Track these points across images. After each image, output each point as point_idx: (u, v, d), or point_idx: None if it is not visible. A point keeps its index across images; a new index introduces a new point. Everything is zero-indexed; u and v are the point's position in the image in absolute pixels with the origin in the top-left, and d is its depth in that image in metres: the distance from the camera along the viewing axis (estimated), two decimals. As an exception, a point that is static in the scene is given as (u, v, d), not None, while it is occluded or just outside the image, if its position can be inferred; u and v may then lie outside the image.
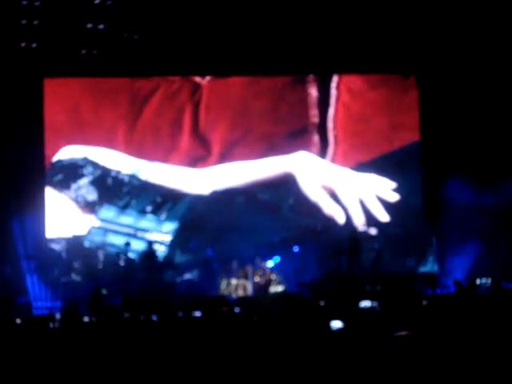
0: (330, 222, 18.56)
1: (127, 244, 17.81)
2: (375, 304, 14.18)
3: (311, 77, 19.13)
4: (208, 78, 18.91)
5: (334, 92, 19.20)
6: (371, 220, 18.75)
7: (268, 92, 19.12)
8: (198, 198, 18.71)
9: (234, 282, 16.93)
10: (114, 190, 18.54)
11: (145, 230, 18.46)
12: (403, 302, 14.09)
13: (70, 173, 18.47)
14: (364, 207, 18.83)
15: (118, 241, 18.17)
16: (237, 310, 13.93)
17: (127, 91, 18.67)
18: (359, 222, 18.71)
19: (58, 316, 13.97)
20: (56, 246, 18.20)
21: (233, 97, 19.04)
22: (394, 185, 18.90)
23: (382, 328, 9.96)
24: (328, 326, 10.17)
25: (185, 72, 18.74)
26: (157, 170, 18.65)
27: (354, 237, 17.78)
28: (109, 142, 18.56)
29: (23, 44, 17.36)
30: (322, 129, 19.13)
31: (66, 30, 17.22)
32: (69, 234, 18.24)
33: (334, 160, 19.10)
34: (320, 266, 17.53)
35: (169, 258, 18.30)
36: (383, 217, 18.82)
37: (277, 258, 17.59)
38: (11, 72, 17.52)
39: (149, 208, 18.56)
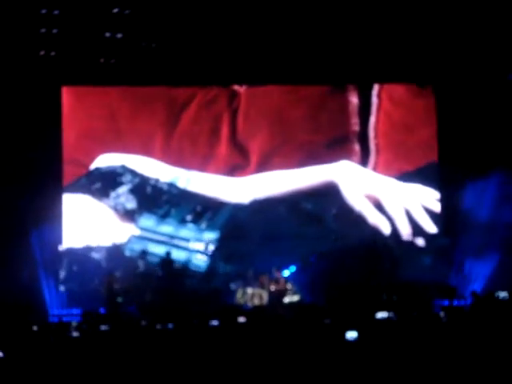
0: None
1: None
2: (391, 314, 14.24)
3: (351, 85, 19.16)
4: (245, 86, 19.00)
5: (375, 100, 19.15)
6: (417, 230, 18.65)
7: (307, 100, 19.08)
8: (239, 207, 18.72)
9: (249, 290, 17.00)
10: (153, 199, 18.59)
11: (185, 240, 18.44)
12: (419, 312, 14.17)
13: (108, 181, 18.52)
14: (410, 217, 18.73)
15: (159, 250, 18.17)
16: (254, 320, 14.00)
17: (164, 99, 18.74)
18: (405, 233, 18.66)
19: (74, 324, 14.11)
20: (96, 255, 18.23)
21: (271, 105, 19.03)
22: (438, 195, 18.83)
23: (397, 338, 10.08)
24: (343, 337, 10.29)
25: (210, 82, 18.81)
26: (195, 178, 18.69)
27: (372, 246, 17.75)
28: (146, 151, 18.63)
29: (42, 52, 17.52)
30: (362, 138, 19.07)
31: (85, 39, 17.36)
32: (108, 243, 18.26)
33: (375, 169, 19.04)
34: (338, 274, 17.50)
35: (188, 265, 18.26)
36: (430, 227, 18.73)
37: (292, 268, 17.66)
38: (30, 80, 17.69)
39: (189, 217, 18.56)
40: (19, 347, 10.08)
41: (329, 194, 18.72)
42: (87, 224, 18.33)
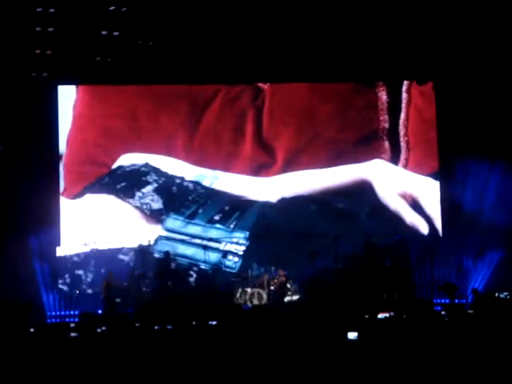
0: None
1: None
2: (392, 314, 14.25)
3: (380, 81, 18.87)
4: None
5: (404, 96, 18.88)
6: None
7: (335, 96, 18.84)
8: (268, 206, 18.52)
9: (249, 290, 16.97)
10: (179, 198, 18.44)
11: (215, 240, 18.25)
12: (419, 311, 14.18)
13: (133, 180, 18.40)
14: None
15: (189, 251, 18.04)
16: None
17: (185, 97, 18.56)
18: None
19: (72, 325, 14.11)
20: (124, 257, 18.00)
21: (297, 101, 18.79)
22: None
23: (397, 337, 10.08)
24: (344, 336, 10.31)
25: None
26: (221, 176, 18.53)
27: (369, 245, 17.65)
28: (168, 150, 18.47)
29: (38, 51, 17.49)
30: (392, 135, 18.81)
31: (81, 37, 17.34)
32: (135, 245, 18.02)
33: (406, 167, 18.77)
34: (336, 272, 17.40)
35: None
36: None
37: None
38: (25, 79, 17.66)
39: (217, 217, 18.40)
40: (17, 348, 10.12)
41: (362, 192, 18.48)
42: (113, 225, 18.13)
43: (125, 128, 18.40)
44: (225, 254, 18.12)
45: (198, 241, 18.17)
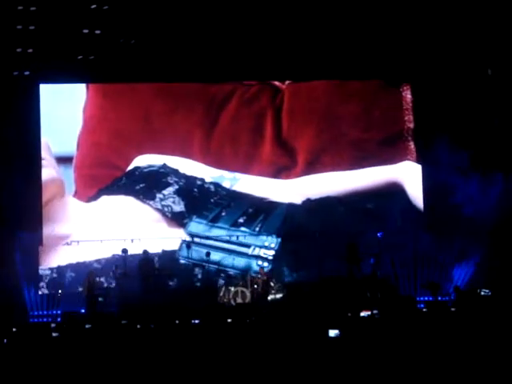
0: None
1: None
2: (375, 311, 14.38)
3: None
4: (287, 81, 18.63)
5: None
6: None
7: (358, 96, 18.63)
8: (294, 208, 18.29)
9: (232, 289, 17.08)
10: (201, 201, 18.22)
11: (241, 245, 18.05)
12: (402, 308, 14.31)
13: (152, 181, 18.19)
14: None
15: (215, 257, 17.88)
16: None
17: (201, 97, 18.39)
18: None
19: (53, 325, 14.18)
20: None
21: (318, 101, 18.59)
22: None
23: (380, 335, 10.21)
24: (326, 334, 10.43)
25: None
26: (241, 178, 18.29)
27: (352, 243, 17.73)
28: (184, 151, 18.25)
29: (19, 49, 17.50)
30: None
31: (63, 35, 17.36)
32: (159, 249, 17.86)
33: None
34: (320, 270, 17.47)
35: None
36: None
37: None
38: (7, 77, 17.66)
39: (241, 220, 18.22)
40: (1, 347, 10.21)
41: (393, 194, 18.34)
42: (132, 227, 17.86)
43: (138, 129, 18.21)
44: (253, 259, 17.98)
45: (224, 245, 18.04)
